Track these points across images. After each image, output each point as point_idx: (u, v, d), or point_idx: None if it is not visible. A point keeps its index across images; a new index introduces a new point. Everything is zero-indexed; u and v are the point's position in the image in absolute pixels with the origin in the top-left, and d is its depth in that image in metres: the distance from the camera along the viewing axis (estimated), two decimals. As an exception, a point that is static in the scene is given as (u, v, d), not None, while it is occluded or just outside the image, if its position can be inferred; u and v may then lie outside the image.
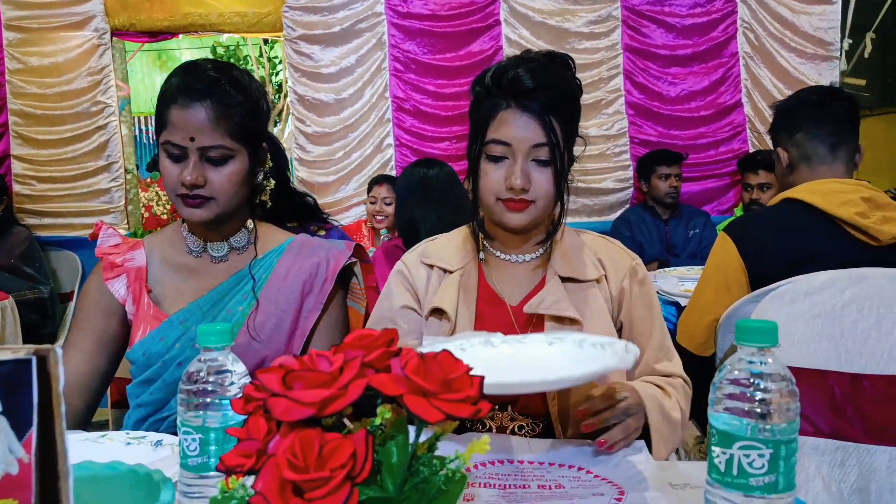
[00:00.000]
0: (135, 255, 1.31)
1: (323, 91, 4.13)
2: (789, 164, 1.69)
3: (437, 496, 0.53)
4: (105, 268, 1.30)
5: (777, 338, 0.58)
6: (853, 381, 1.32)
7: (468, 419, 0.51)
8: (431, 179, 2.30)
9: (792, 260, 1.51)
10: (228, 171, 1.20)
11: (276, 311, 1.26)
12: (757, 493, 0.57)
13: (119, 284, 1.29)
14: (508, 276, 1.25)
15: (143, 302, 1.27)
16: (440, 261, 1.26)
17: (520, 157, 1.13)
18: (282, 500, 0.48)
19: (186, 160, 1.18)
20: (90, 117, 4.14)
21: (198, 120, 1.16)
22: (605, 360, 0.89)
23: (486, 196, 1.18)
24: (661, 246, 3.68)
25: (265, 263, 1.30)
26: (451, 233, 1.34)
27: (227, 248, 1.30)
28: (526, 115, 1.12)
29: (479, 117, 1.18)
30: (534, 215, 1.17)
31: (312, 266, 1.30)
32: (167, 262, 1.31)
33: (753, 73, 4.14)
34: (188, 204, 1.20)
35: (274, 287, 1.28)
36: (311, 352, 0.55)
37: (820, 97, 1.68)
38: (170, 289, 1.29)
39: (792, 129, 1.68)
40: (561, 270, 1.21)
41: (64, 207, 4.16)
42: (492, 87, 1.16)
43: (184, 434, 0.67)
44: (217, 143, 1.17)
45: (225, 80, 1.19)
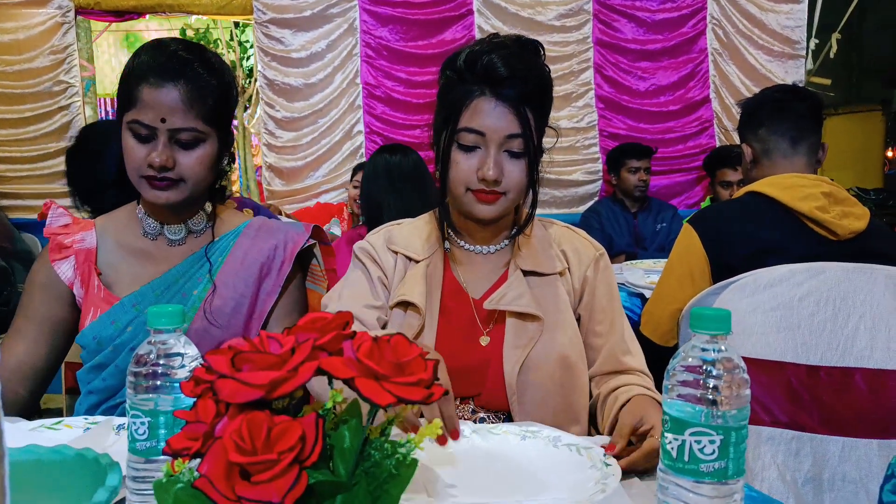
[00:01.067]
0: (85, 237, 1.27)
1: (293, 76, 4.08)
2: (753, 159, 1.74)
3: (388, 480, 0.52)
4: (52, 248, 1.26)
5: (730, 325, 0.59)
6: (810, 372, 1.34)
7: (420, 402, 0.51)
8: (396, 166, 2.27)
9: (754, 251, 1.54)
10: (199, 155, 1.17)
11: (234, 295, 1.24)
12: (707, 478, 0.58)
13: (66, 266, 1.24)
14: (473, 268, 1.23)
15: (92, 284, 1.23)
16: (406, 249, 1.23)
17: (493, 147, 1.10)
18: (228, 483, 0.47)
19: (155, 141, 1.14)
20: (52, 97, 4.03)
21: (171, 100, 1.13)
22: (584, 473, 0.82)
23: (455, 186, 1.15)
24: (630, 238, 3.72)
25: (221, 246, 1.27)
26: (416, 220, 1.31)
27: (184, 231, 1.27)
28: (501, 104, 1.09)
29: (451, 103, 1.13)
30: (504, 207, 1.14)
31: (270, 248, 1.28)
32: (121, 245, 1.27)
33: (722, 70, 4.20)
34: (154, 186, 1.16)
35: (231, 270, 1.25)
36: (262, 333, 0.54)
37: (783, 95, 1.73)
38: (123, 272, 1.25)
39: (755, 125, 1.72)
40: (524, 264, 1.19)
41: (25, 189, 4.05)
42: (465, 72, 1.12)
43: (132, 418, 0.65)
44: (189, 125, 1.14)
45: (198, 62, 1.16)
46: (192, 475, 0.50)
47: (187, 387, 0.56)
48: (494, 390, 1.13)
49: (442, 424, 0.56)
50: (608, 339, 1.19)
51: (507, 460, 0.88)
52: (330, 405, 0.55)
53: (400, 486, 0.53)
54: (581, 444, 0.89)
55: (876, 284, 1.33)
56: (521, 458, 0.88)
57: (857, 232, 1.52)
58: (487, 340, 1.16)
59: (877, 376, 1.31)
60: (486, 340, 1.16)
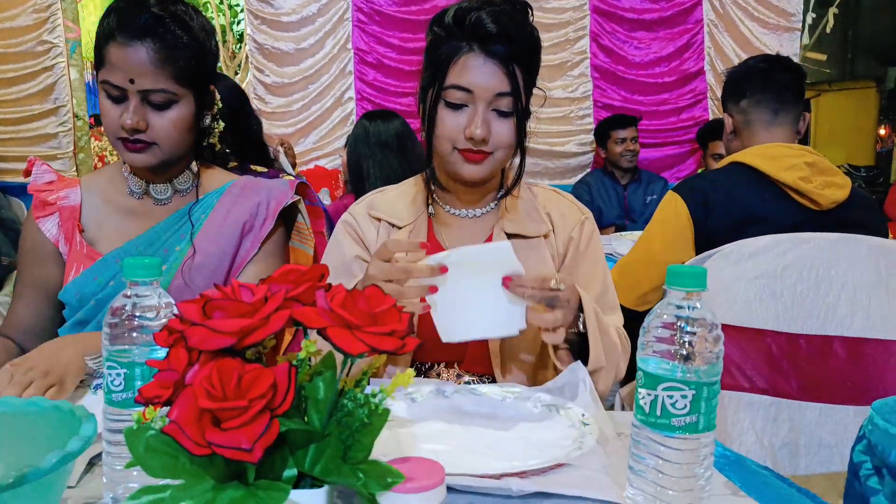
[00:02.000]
0: (69, 194, 1.26)
1: (283, 40, 4.02)
2: (733, 130, 1.74)
3: (360, 429, 0.53)
4: (36, 206, 1.24)
5: (705, 283, 0.59)
6: (790, 340, 1.36)
7: (392, 352, 0.51)
8: (376, 133, 2.25)
9: (738, 220, 1.54)
10: (172, 117, 1.14)
11: (216, 253, 1.23)
12: (678, 432, 0.58)
13: (51, 223, 1.24)
14: (457, 232, 1.21)
15: (75, 241, 1.22)
16: (388, 215, 1.21)
17: (481, 105, 1.08)
18: (198, 429, 0.47)
19: (126, 102, 1.11)
20: (35, 57, 3.95)
21: (139, 60, 1.09)
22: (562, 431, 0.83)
23: (441, 144, 1.12)
24: (620, 210, 3.72)
25: (205, 205, 1.26)
26: (401, 184, 1.29)
27: (170, 190, 1.26)
28: (490, 61, 1.07)
29: (438, 60, 1.10)
30: (491, 167, 1.12)
31: (252, 206, 1.26)
32: (107, 203, 1.26)
33: (717, 41, 4.17)
34: (129, 148, 1.14)
35: (212, 229, 1.24)
36: (233, 282, 0.53)
37: (768, 65, 1.71)
38: (107, 229, 1.24)
39: (738, 95, 1.71)
40: (508, 227, 1.18)
41: (8, 151, 4.00)
42: (453, 28, 1.09)
43: (108, 369, 0.65)
44: (160, 86, 1.11)
45: (169, 18, 1.11)
46: (164, 422, 0.50)
47: (161, 337, 0.56)
48: (478, 355, 1.13)
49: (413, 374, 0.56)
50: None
51: (488, 419, 0.89)
52: (304, 356, 0.55)
53: (372, 435, 0.53)
54: (561, 405, 0.90)
55: (859, 255, 1.34)
56: (502, 417, 0.90)
57: (839, 202, 1.52)
58: None
59: (855, 344, 1.33)
60: None
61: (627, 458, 0.64)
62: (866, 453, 0.89)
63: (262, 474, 0.53)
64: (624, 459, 0.76)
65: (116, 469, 0.65)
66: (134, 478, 0.65)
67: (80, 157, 4.11)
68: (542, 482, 0.69)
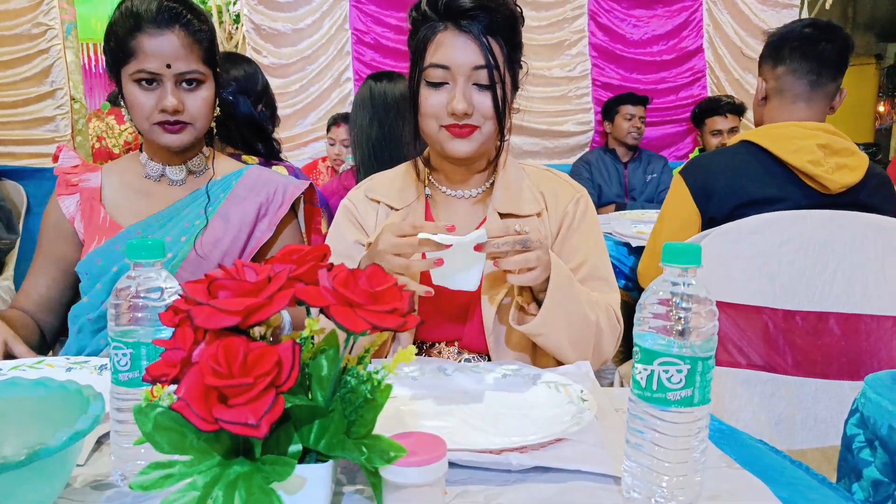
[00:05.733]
0: (91, 177, 1.35)
1: (280, 21, 3.99)
2: (764, 97, 1.66)
3: (363, 405, 0.54)
4: (60, 184, 1.34)
5: (700, 259, 0.60)
6: (786, 317, 1.37)
7: (394, 329, 0.52)
8: (381, 94, 2.13)
9: (740, 203, 1.53)
10: (203, 96, 1.25)
11: (231, 230, 1.30)
12: (674, 405, 0.59)
13: (70, 202, 1.32)
14: (453, 212, 1.23)
15: (97, 216, 1.30)
16: (386, 197, 1.23)
17: (460, 80, 1.09)
18: (205, 405, 0.49)
19: (161, 87, 1.21)
20: (31, 39, 3.92)
21: (172, 46, 1.19)
22: (561, 408, 0.85)
23: (427, 124, 1.14)
24: (620, 188, 3.72)
25: (224, 184, 1.34)
26: (398, 168, 1.30)
27: (185, 171, 1.34)
28: (464, 36, 1.08)
29: (417, 43, 1.13)
30: (479, 142, 1.13)
31: (270, 191, 1.35)
32: (126, 185, 1.34)
33: (715, 18, 4.14)
34: (169, 130, 1.23)
35: (231, 206, 1.32)
36: (237, 262, 0.54)
37: (813, 32, 1.60)
38: (126, 208, 1.32)
39: (776, 60, 1.62)
40: (500, 206, 1.19)
41: (5, 135, 3.98)
42: (428, 11, 1.11)
43: (115, 349, 0.66)
44: (192, 67, 1.22)
45: (182, 8, 1.22)
46: (171, 399, 0.52)
47: (166, 316, 0.57)
48: (475, 333, 1.15)
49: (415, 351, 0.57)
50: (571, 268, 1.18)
51: (488, 396, 0.90)
52: (307, 334, 0.56)
53: (375, 411, 0.54)
54: (559, 382, 0.91)
55: (856, 232, 1.35)
56: (502, 394, 0.91)
57: (850, 185, 1.49)
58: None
59: (850, 320, 1.34)
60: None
61: (625, 433, 0.65)
62: (859, 426, 0.90)
63: (268, 449, 0.54)
64: (621, 434, 0.77)
65: (124, 447, 0.66)
66: (142, 455, 0.66)
67: (77, 140, 4.10)
68: (540, 457, 0.71)
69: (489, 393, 0.92)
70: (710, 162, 1.66)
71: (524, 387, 0.93)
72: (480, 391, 0.92)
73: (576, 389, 0.88)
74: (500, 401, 0.89)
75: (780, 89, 1.62)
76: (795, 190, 1.51)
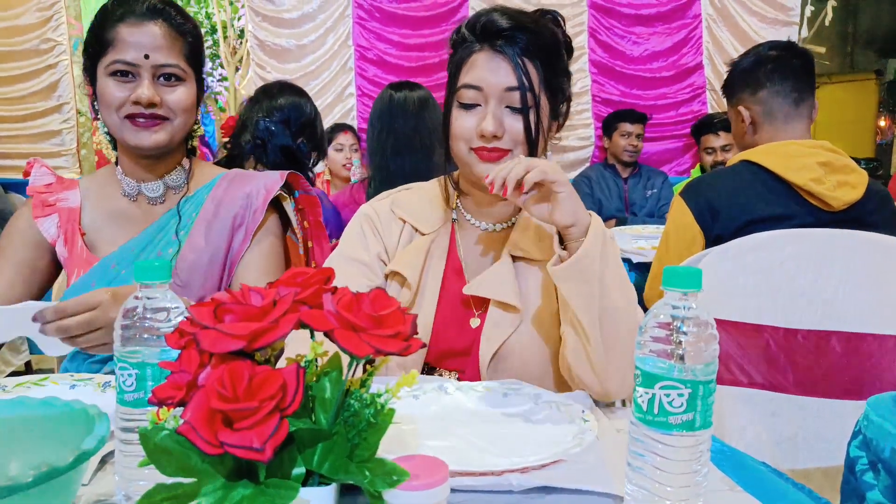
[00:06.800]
0: (68, 196, 1.26)
1: (284, 37, 4.03)
2: (752, 123, 1.67)
3: (367, 429, 0.54)
4: (35, 206, 1.25)
5: (700, 283, 0.60)
6: (787, 335, 1.37)
7: (397, 354, 0.53)
8: (400, 103, 2.10)
9: (745, 223, 1.53)
10: (183, 93, 1.17)
11: (208, 249, 1.22)
12: (675, 429, 0.60)
13: (49, 224, 1.24)
14: (476, 245, 1.18)
15: (77, 245, 1.22)
16: (413, 218, 1.18)
17: (492, 101, 1.06)
18: (210, 429, 0.49)
19: (137, 79, 1.14)
20: (39, 55, 3.97)
21: (152, 36, 1.14)
22: (562, 428, 0.84)
23: (457, 146, 1.09)
24: (620, 203, 3.74)
25: (196, 201, 1.26)
26: (426, 187, 1.24)
27: (162, 187, 1.26)
28: (498, 57, 1.05)
29: (453, 66, 1.11)
30: None
31: (243, 197, 1.26)
32: (103, 206, 1.26)
33: (715, 36, 4.18)
34: (141, 126, 1.15)
35: (204, 224, 1.23)
36: (243, 286, 0.55)
37: (781, 52, 1.66)
38: (104, 233, 1.25)
39: (755, 86, 1.65)
40: (515, 249, 1.14)
41: (13, 149, 4.02)
42: (466, 33, 1.09)
43: (121, 370, 0.66)
44: (172, 61, 1.15)
45: (171, 7, 1.18)
46: (177, 422, 0.52)
47: (172, 338, 0.57)
48: (475, 373, 1.12)
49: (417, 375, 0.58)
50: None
51: (489, 416, 0.90)
52: (311, 357, 0.57)
53: (378, 434, 0.55)
54: (560, 402, 0.91)
55: (857, 250, 1.35)
56: (503, 414, 0.91)
57: (852, 203, 1.50)
58: (477, 323, 1.13)
59: (852, 339, 1.34)
60: (476, 323, 1.13)
61: (625, 455, 0.65)
62: (862, 448, 0.90)
63: (272, 472, 0.54)
64: (622, 455, 0.78)
65: (129, 467, 0.66)
66: (145, 476, 0.66)
67: (82, 154, 4.13)
68: (542, 476, 0.71)
69: (490, 412, 0.92)
70: (712, 182, 1.66)
71: (525, 406, 0.93)
72: (481, 410, 0.92)
73: (577, 409, 0.88)
74: (500, 420, 0.89)
75: (768, 112, 1.64)
76: (798, 208, 1.52)
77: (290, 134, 1.98)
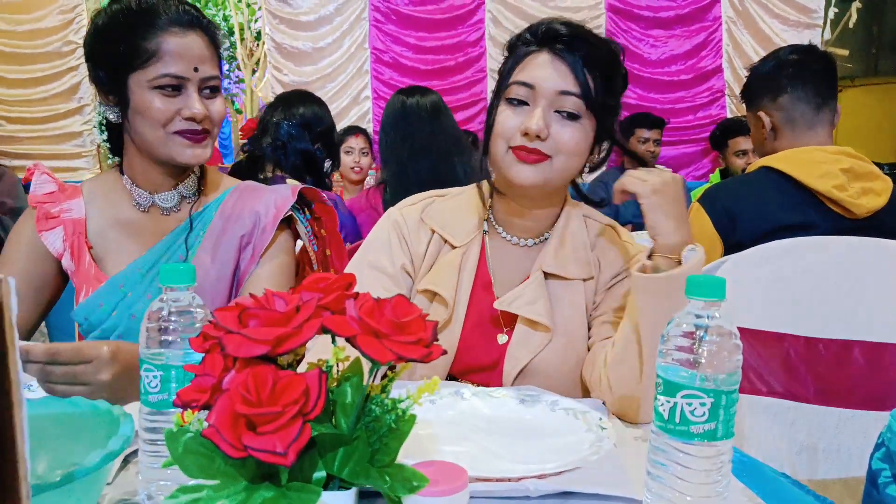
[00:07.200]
0: (72, 206, 1.20)
1: (301, 39, 4.06)
2: (773, 129, 1.64)
3: (388, 434, 0.55)
4: (39, 218, 1.19)
5: (724, 293, 0.60)
6: (808, 345, 1.35)
7: (419, 360, 0.53)
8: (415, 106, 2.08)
9: (766, 231, 1.51)
10: (221, 103, 1.15)
11: (214, 267, 1.17)
12: (697, 439, 0.59)
13: (54, 237, 1.19)
14: (505, 261, 1.15)
15: (84, 260, 1.18)
16: (445, 230, 1.14)
17: (542, 102, 1.01)
18: (234, 433, 0.50)
19: (184, 92, 1.10)
20: (61, 57, 4.03)
21: (199, 48, 1.11)
22: (579, 435, 0.84)
23: (496, 144, 1.05)
24: (637, 208, 3.69)
25: (204, 217, 1.21)
26: (460, 194, 1.20)
27: (177, 197, 1.21)
28: (558, 60, 1.02)
29: (506, 67, 1.07)
30: (546, 175, 1.03)
31: (252, 216, 1.21)
32: (110, 215, 1.21)
33: (735, 38, 4.15)
34: (193, 140, 1.11)
35: (210, 244, 1.19)
36: (268, 291, 0.55)
37: (802, 56, 1.63)
38: (113, 245, 1.19)
39: (776, 91, 1.62)
40: (548, 265, 1.10)
41: (35, 149, 4.08)
42: (527, 36, 1.06)
43: (145, 371, 0.67)
44: (215, 73, 1.14)
45: (195, 10, 1.14)
46: (201, 425, 0.53)
47: (196, 342, 0.58)
48: (495, 381, 1.10)
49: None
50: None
51: (506, 422, 0.90)
52: (332, 362, 0.57)
53: (399, 440, 0.55)
54: (578, 409, 0.91)
55: (880, 259, 1.33)
56: (520, 421, 0.91)
57: (875, 210, 1.47)
58: (505, 339, 1.11)
59: (875, 349, 1.32)
60: (504, 339, 1.11)
61: (644, 462, 0.65)
62: (885, 461, 0.89)
63: (293, 476, 0.55)
64: (641, 463, 0.77)
65: (152, 467, 0.67)
66: (168, 476, 0.67)
67: (102, 153, 4.18)
68: (559, 481, 0.71)
69: (507, 418, 0.91)
70: (732, 188, 1.64)
71: (542, 412, 0.92)
72: (498, 416, 0.92)
73: (594, 417, 0.87)
74: (517, 426, 0.89)
75: (790, 118, 1.61)
76: (821, 215, 1.49)
77: (310, 139, 2.03)
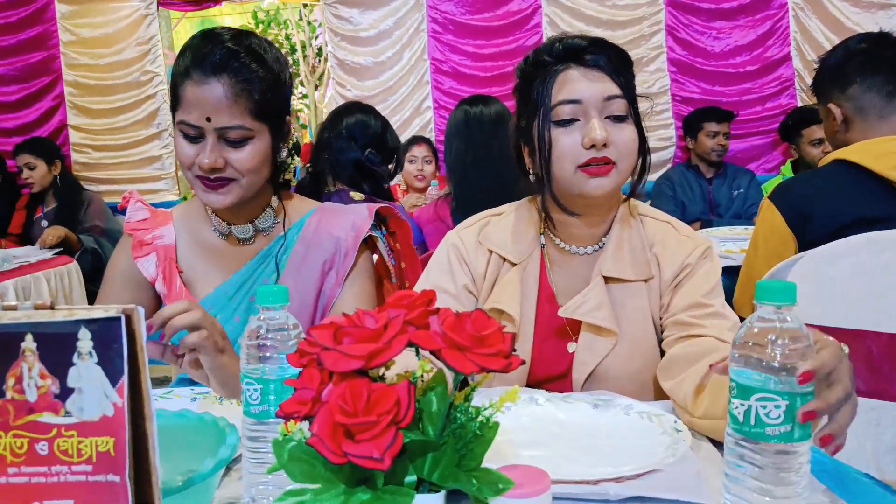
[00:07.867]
0: (164, 233, 1.27)
1: (362, 55, 4.17)
2: (844, 120, 1.61)
3: (473, 440, 0.58)
4: (134, 245, 1.25)
5: (795, 297, 0.61)
6: (891, 341, 1.32)
7: (500, 371, 0.57)
8: (476, 117, 2.10)
9: (841, 225, 1.47)
10: (249, 152, 1.12)
11: (297, 294, 1.19)
12: (773, 440, 0.61)
13: (148, 263, 1.24)
14: (566, 270, 1.17)
15: (175, 284, 1.23)
16: (502, 248, 1.16)
17: (593, 112, 1.03)
18: (334, 441, 0.55)
19: (203, 140, 1.10)
20: (140, 87, 4.28)
21: (214, 98, 1.07)
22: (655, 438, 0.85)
23: (561, 167, 1.05)
24: (704, 205, 3.64)
25: (287, 244, 1.24)
26: (514, 211, 1.22)
27: (252, 230, 1.24)
28: (591, 70, 1.05)
29: (536, 89, 1.08)
30: (616, 181, 1.05)
31: (332, 242, 1.24)
32: (195, 241, 1.26)
33: (803, 25, 4.00)
34: (208, 187, 1.13)
35: (293, 269, 1.22)
36: (358, 310, 0.60)
37: (871, 45, 1.59)
38: (199, 270, 1.25)
39: (844, 82, 1.59)
40: (607, 269, 1.11)
41: (118, 175, 4.35)
42: (544, 58, 1.08)
43: (246, 385, 0.73)
44: (235, 122, 1.09)
45: (243, 52, 1.10)
46: (304, 434, 0.58)
47: (293, 358, 0.63)
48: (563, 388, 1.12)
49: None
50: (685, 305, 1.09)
51: (581, 427, 0.92)
52: (419, 374, 0.62)
53: (484, 446, 0.59)
54: (652, 412, 0.92)
55: (964, 250, 1.29)
56: (594, 425, 0.92)
57: None
58: (575, 346, 1.13)
59: (963, 344, 1.28)
60: (574, 347, 1.13)
61: (720, 464, 0.66)
62: (974, 459, 0.87)
63: (387, 480, 0.59)
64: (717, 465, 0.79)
65: (255, 472, 0.73)
66: (269, 480, 0.73)
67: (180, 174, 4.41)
68: (637, 487, 0.73)
69: (581, 423, 0.93)
70: (804, 185, 1.61)
71: (617, 417, 0.94)
72: (573, 421, 0.94)
73: (669, 419, 0.88)
74: (592, 431, 0.91)
75: (860, 108, 1.58)
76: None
77: (358, 147, 2.09)
